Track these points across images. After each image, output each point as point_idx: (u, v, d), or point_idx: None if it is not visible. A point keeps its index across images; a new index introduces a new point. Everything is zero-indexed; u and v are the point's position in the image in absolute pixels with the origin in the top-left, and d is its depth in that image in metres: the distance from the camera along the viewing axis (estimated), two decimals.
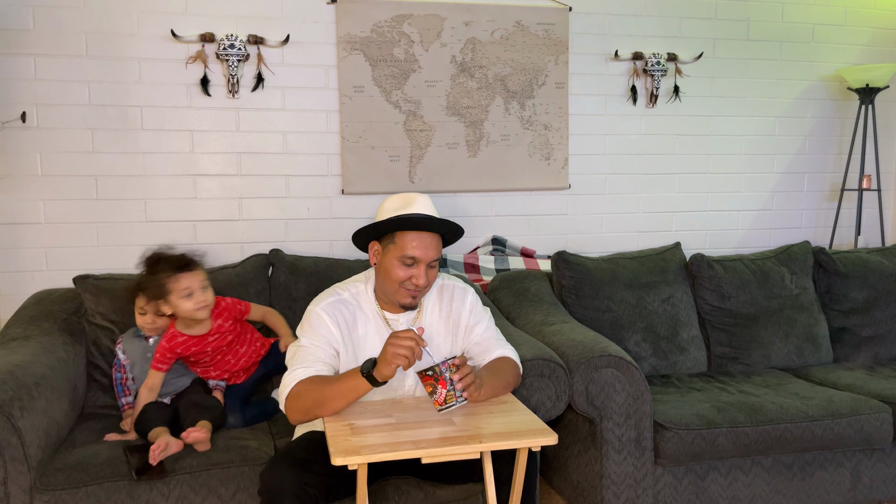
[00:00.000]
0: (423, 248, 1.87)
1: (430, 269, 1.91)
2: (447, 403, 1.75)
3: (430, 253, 1.88)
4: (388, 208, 1.93)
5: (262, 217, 3.13)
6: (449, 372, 1.74)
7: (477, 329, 2.04)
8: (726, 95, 3.62)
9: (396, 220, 1.87)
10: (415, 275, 1.87)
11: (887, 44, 3.80)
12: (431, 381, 1.75)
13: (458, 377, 1.75)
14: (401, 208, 1.90)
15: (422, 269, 1.87)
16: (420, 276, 1.87)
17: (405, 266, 1.87)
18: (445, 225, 1.89)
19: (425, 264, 1.88)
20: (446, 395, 1.74)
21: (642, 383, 2.30)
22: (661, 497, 2.37)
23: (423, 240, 1.87)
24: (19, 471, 1.90)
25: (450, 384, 1.74)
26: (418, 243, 1.86)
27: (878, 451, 2.56)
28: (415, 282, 1.87)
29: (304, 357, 1.88)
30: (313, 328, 1.91)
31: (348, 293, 1.98)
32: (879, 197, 3.66)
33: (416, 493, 2.03)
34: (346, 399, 1.78)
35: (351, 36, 3.12)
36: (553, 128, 3.39)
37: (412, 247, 1.86)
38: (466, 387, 1.76)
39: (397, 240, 1.88)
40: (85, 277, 2.57)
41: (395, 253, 1.88)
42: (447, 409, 1.77)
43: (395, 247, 1.88)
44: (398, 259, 1.87)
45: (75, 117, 2.91)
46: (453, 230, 1.93)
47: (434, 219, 1.88)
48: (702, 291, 3.03)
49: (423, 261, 1.87)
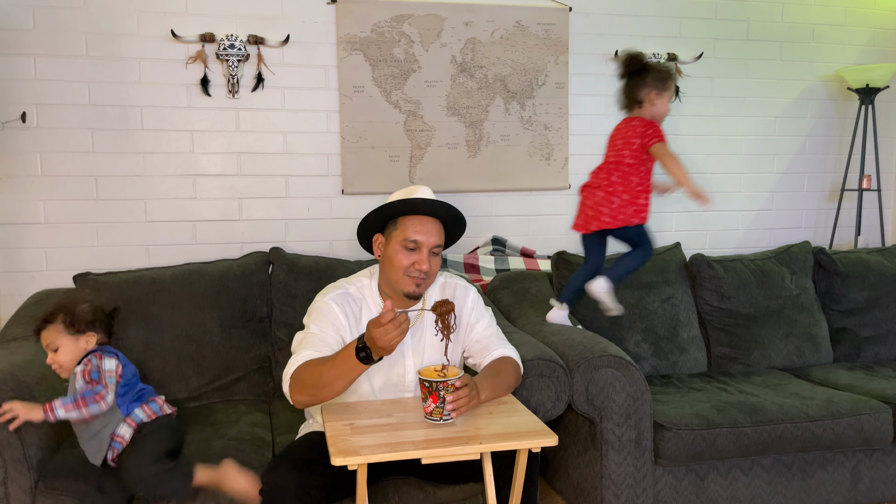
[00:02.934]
0: (426, 231, 1.89)
1: (433, 257, 1.92)
2: (432, 416, 1.74)
3: (432, 238, 1.90)
4: (391, 198, 1.95)
5: (262, 217, 3.13)
6: (444, 391, 1.72)
7: (478, 327, 2.04)
8: (726, 95, 3.62)
9: (399, 202, 1.89)
10: (418, 260, 1.88)
11: (887, 44, 3.80)
12: (426, 390, 1.74)
13: (451, 398, 1.72)
14: (405, 195, 1.93)
15: (424, 254, 1.88)
16: (423, 260, 1.88)
17: (408, 251, 1.88)
18: (446, 209, 1.91)
19: (428, 249, 1.89)
20: (434, 409, 1.73)
21: (642, 384, 2.30)
22: (661, 497, 2.37)
23: (424, 224, 1.89)
24: (19, 471, 1.90)
25: (441, 402, 1.72)
26: (420, 227, 1.89)
27: (878, 451, 2.56)
28: (418, 267, 1.88)
29: (312, 342, 1.86)
30: (322, 315, 1.91)
31: (354, 287, 1.99)
32: (879, 197, 3.66)
33: (417, 494, 2.03)
34: (345, 379, 1.75)
35: (351, 36, 3.11)
36: (553, 128, 3.39)
37: (414, 230, 1.88)
38: (457, 408, 1.73)
39: (399, 224, 1.90)
40: (85, 276, 2.58)
41: (398, 237, 1.89)
42: (431, 421, 1.75)
43: (397, 232, 1.90)
44: (401, 244, 1.89)
45: (75, 117, 2.91)
46: (455, 221, 1.95)
47: (436, 202, 1.90)
48: (702, 291, 3.03)
49: (425, 245, 1.88)
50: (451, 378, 1.72)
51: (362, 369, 1.74)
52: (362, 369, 1.74)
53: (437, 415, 1.73)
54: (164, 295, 2.59)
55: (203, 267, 2.71)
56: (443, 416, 1.73)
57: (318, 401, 1.82)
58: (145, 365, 2.51)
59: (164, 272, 2.66)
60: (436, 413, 1.73)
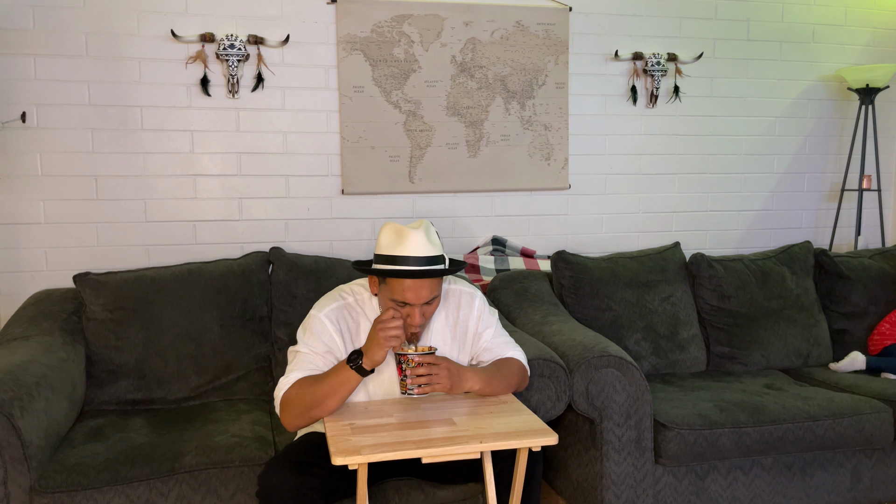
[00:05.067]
0: (415, 293, 1.78)
1: (427, 306, 1.83)
2: (402, 391, 1.82)
3: (423, 295, 1.79)
4: (381, 243, 1.82)
5: (262, 217, 3.13)
6: (406, 365, 1.79)
7: (485, 335, 2.01)
8: (726, 95, 3.62)
9: (385, 271, 1.78)
10: (410, 315, 1.81)
11: (887, 44, 3.80)
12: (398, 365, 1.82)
13: (409, 373, 1.78)
14: (392, 246, 1.79)
15: (416, 311, 1.80)
16: (415, 316, 1.80)
17: (400, 306, 1.81)
18: (437, 272, 1.78)
19: (420, 305, 1.81)
20: (399, 382, 1.82)
21: (643, 384, 2.30)
22: (661, 497, 2.37)
23: (415, 285, 1.78)
24: (19, 471, 1.90)
25: (403, 375, 1.80)
26: (409, 288, 1.77)
27: (879, 451, 2.56)
28: (411, 322, 1.81)
29: (302, 363, 1.85)
30: (315, 334, 1.87)
31: (353, 298, 1.94)
32: (879, 197, 3.66)
33: (417, 494, 2.03)
34: (338, 395, 1.76)
35: (351, 36, 3.11)
36: (553, 128, 3.39)
37: (401, 291, 1.78)
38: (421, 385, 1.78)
39: (389, 282, 1.80)
40: (85, 276, 2.58)
41: (388, 294, 1.81)
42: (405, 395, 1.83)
43: (387, 288, 1.81)
44: (391, 301, 1.81)
45: (75, 117, 2.91)
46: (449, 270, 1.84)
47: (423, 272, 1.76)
48: (701, 291, 3.03)
49: (416, 304, 1.80)
50: (412, 353, 1.78)
51: (355, 381, 1.76)
52: (355, 381, 1.76)
53: (402, 388, 1.81)
54: (164, 295, 2.59)
55: (203, 267, 2.71)
56: (406, 390, 1.80)
57: (310, 421, 1.82)
58: (145, 364, 2.52)
59: (164, 272, 2.66)
60: (402, 386, 1.81)
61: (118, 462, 2.00)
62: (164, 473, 2.00)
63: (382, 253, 1.82)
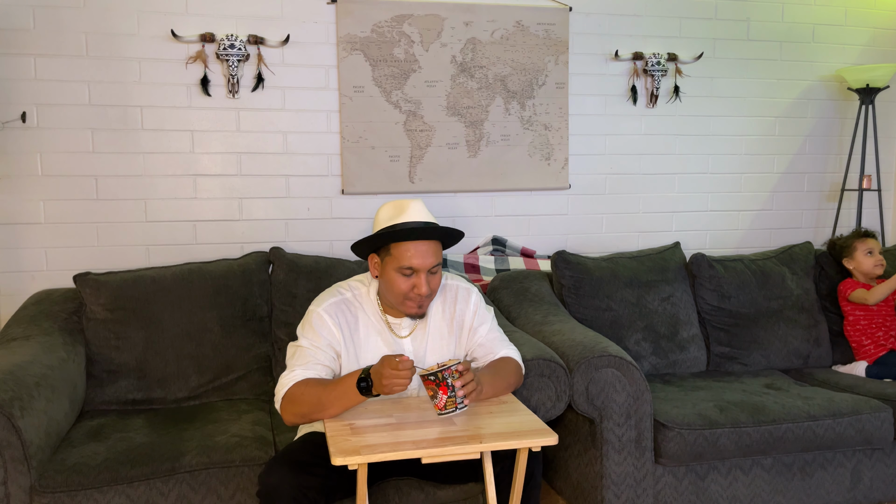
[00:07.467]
0: (420, 256, 1.83)
1: (432, 276, 1.87)
2: (447, 409, 1.74)
3: (429, 260, 1.84)
4: (381, 218, 1.89)
5: (262, 217, 3.13)
6: (451, 378, 1.72)
7: (480, 330, 2.03)
8: (726, 95, 3.62)
9: (389, 232, 1.83)
10: (417, 284, 1.84)
11: (887, 44, 3.80)
12: (433, 385, 1.74)
13: (459, 384, 1.73)
14: (393, 217, 1.86)
15: (422, 278, 1.84)
16: (421, 284, 1.84)
17: (405, 276, 1.84)
18: (440, 231, 1.85)
19: (425, 272, 1.85)
20: (447, 400, 1.73)
21: (643, 383, 2.30)
22: (661, 497, 2.37)
23: (419, 248, 1.83)
24: (19, 471, 1.90)
25: (451, 390, 1.73)
26: (414, 252, 1.83)
27: (879, 451, 2.56)
28: (417, 291, 1.84)
29: (304, 358, 1.87)
30: (315, 329, 1.90)
31: (351, 293, 1.96)
32: (879, 197, 3.66)
33: (417, 494, 2.03)
34: (341, 406, 1.78)
35: (351, 36, 3.12)
36: (553, 128, 3.39)
37: (408, 257, 1.82)
38: (468, 393, 1.75)
39: (393, 251, 1.84)
40: (85, 276, 2.58)
41: (394, 264, 1.84)
42: (447, 415, 1.76)
43: (392, 258, 1.85)
44: (397, 270, 1.84)
45: (75, 117, 2.91)
46: (451, 233, 1.90)
47: (428, 226, 1.84)
48: (702, 291, 3.03)
49: (422, 269, 1.84)
50: (452, 364, 1.74)
51: (360, 400, 1.77)
52: (360, 400, 1.77)
53: (451, 405, 1.73)
54: (164, 295, 2.59)
55: (203, 267, 2.71)
56: (457, 406, 1.74)
57: (310, 421, 1.85)
58: (146, 364, 2.52)
59: (164, 272, 2.66)
60: (449, 404, 1.73)
61: (118, 462, 2.00)
62: (164, 473, 2.00)
63: (384, 226, 1.86)
